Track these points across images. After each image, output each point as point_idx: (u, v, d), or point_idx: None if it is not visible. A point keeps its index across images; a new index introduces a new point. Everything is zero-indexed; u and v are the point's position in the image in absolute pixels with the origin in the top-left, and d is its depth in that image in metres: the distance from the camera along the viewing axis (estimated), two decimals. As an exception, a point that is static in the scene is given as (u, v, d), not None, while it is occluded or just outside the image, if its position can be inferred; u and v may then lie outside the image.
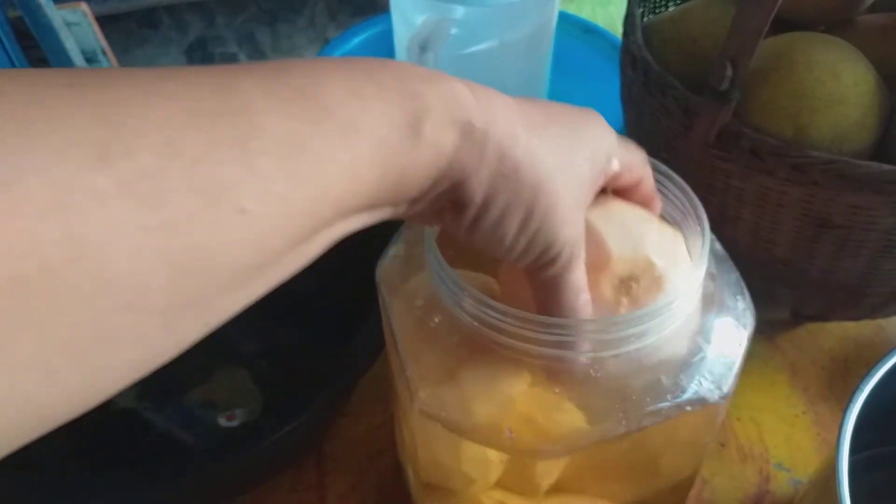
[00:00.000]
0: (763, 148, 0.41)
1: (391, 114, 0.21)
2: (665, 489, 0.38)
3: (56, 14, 0.82)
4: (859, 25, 0.49)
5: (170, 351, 0.18)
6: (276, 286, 0.22)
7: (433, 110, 0.21)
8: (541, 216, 0.24)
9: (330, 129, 0.19)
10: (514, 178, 0.23)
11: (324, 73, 0.20)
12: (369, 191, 0.21)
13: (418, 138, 0.21)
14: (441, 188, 0.23)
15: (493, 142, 0.23)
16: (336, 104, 0.19)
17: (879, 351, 0.40)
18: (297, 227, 0.19)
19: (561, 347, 0.28)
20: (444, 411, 0.30)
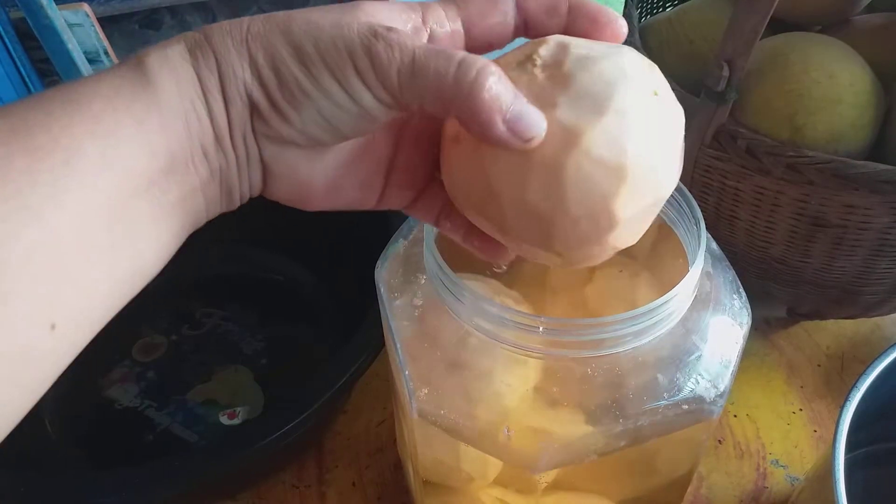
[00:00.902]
0: (759, 148, 0.41)
1: (118, 86, 0.21)
2: (662, 486, 0.38)
3: (58, 15, 0.83)
4: (855, 26, 0.50)
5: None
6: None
7: (150, 57, 0.21)
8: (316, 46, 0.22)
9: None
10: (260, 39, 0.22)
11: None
12: (150, 157, 0.21)
13: (150, 79, 0.21)
14: (214, 85, 0.22)
15: (216, 38, 0.22)
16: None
17: (875, 349, 0.40)
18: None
19: (559, 347, 0.29)
20: (443, 412, 0.30)
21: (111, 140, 0.20)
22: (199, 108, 0.22)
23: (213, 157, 0.22)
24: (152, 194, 0.21)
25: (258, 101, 0.22)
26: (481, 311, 0.29)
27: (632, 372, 0.30)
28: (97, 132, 0.20)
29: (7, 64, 0.88)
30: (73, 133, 0.19)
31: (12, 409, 0.19)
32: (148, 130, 0.21)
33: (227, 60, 0.22)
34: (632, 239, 0.25)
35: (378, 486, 0.47)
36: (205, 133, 0.22)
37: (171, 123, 0.21)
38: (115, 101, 0.20)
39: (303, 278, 0.60)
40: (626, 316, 0.28)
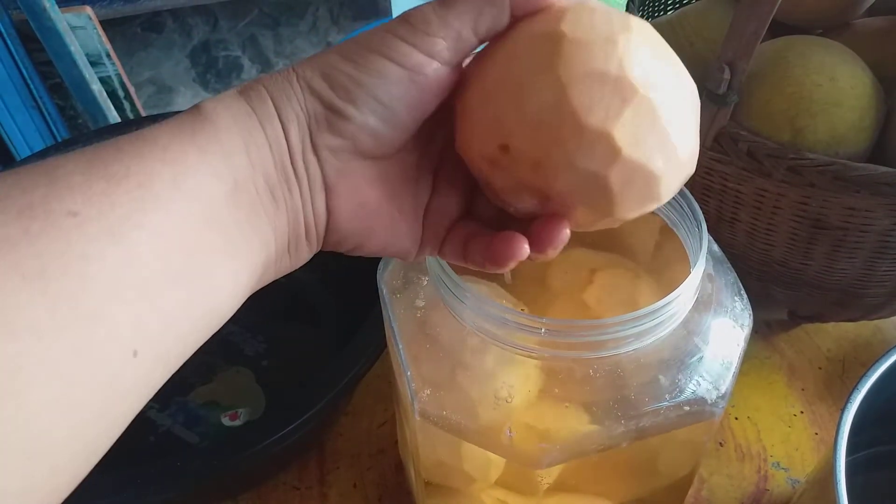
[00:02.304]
0: (760, 150, 0.41)
1: (179, 138, 0.21)
2: (664, 488, 0.38)
3: (61, 17, 0.83)
4: (856, 29, 0.50)
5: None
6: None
7: (205, 104, 0.22)
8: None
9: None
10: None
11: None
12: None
13: (203, 116, 0.22)
14: (269, 115, 0.23)
15: (268, 80, 0.23)
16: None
17: (876, 351, 0.40)
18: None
19: (561, 348, 0.29)
20: (445, 412, 0.30)
21: (180, 167, 0.21)
22: (257, 137, 0.22)
23: (276, 185, 0.23)
24: (223, 223, 0.22)
25: (315, 112, 0.23)
26: (483, 312, 0.29)
27: (633, 373, 0.30)
28: (166, 159, 0.20)
29: (9, 66, 0.89)
30: (143, 162, 0.20)
31: (88, 448, 0.19)
32: (212, 158, 0.21)
33: (279, 87, 0.23)
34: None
35: (379, 487, 0.47)
36: (265, 160, 0.23)
37: (232, 152, 0.22)
38: (180, 136, 0.21)
39: (304, 279, 0.60)
40: (628, 317, 0.28)
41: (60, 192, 0.19)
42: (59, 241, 0.18)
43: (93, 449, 0.19)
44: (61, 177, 0.19)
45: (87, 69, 0.89)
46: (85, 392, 0.18)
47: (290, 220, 0.24)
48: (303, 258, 0.26)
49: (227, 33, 1.31)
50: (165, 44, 1.22)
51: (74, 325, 0.18)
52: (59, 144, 0.51)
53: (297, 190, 0.23)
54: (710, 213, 0.47)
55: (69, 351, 0.17)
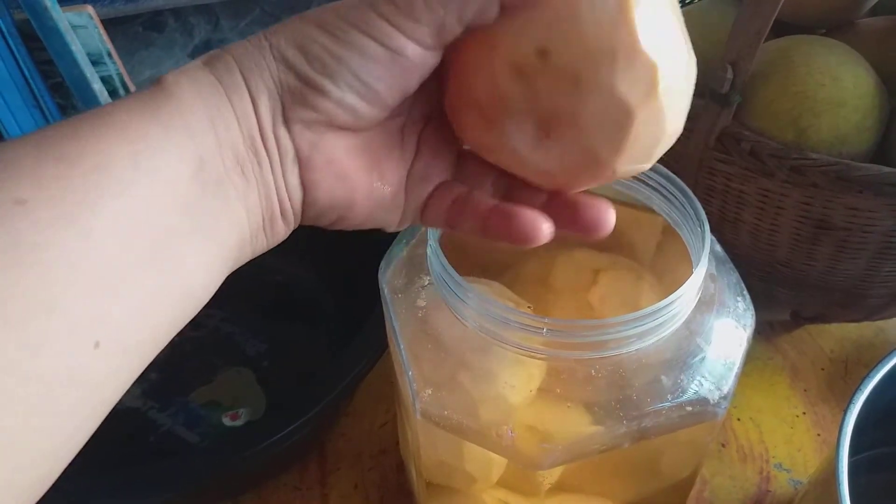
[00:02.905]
0: (763, 150, 0.41)
1: (139, 115, 0.20)
2: (666, 489, 0.38)
3: (62, 17, 0.83)
4: (859, 29, 0.50)
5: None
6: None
7: (167, 76, 0.21)
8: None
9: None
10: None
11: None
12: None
13: (163, 88, 0.21)
14: (240, 90, 0.22)
15: (235, 48, 0.22)
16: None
17: (879, 352, 0.40)
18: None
19: (563, 348, 0.29)
20: (446, 412, 0.30)
21: (141, 146, 0.19)
22: (223, 111, 0.21)
23: (245, 161, 0.22)
24: (190, 205, 0.20)
25: (288, 84, 0.22)
26: (485, 312, 0.29)
27: (636, 373, 0.30)
28: (126, 138, 0.19)
29: (10, 65, 0.89)
30: (100, 141, 0.19)
31: (55, 444, 0.18)
32: (175, 135, 0.20)
33: (249, 57, 0.22)
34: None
35: (381, 488, 0.47)
36: (233, 135, 0.21)
37: (197, 129, 0.21)
38: (140, 112, 0.20)
39: (305, 279, 0.60)
40: (630, 317, 0.28)
41: (7, 177, 0.17)
42: (5, 230, 0.17)
43: (65, 443, 0.19)
44: (9, 161, 0.18)
45: (88, 68, 0.89)
46: (44, 386, 0.17)
47: (262, 197, 0.23)
48: (280, 236, 0.25)
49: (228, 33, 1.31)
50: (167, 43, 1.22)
51: (27, 317, 0.17)
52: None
53: (269, 165, 0.22)
54: (712, 213, 0.47)
55: (22, 345, 0.17)
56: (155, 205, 0.19)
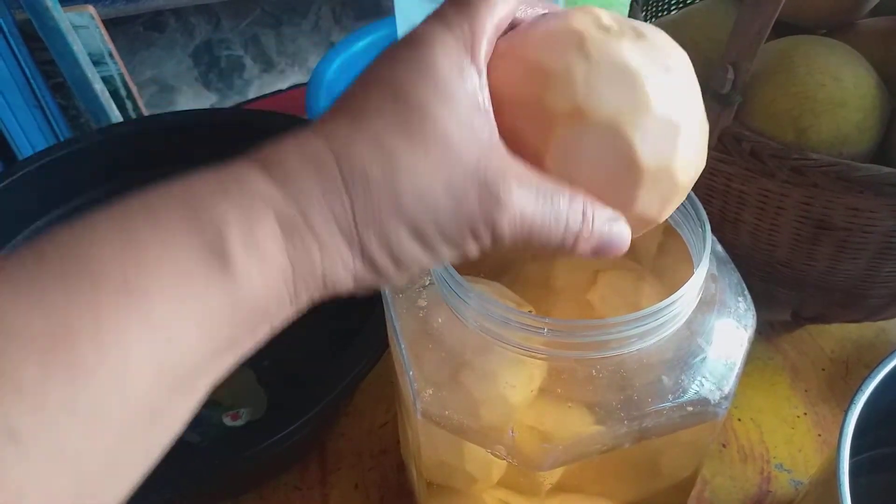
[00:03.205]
0: (764, 150, 0.41)
1: (189, 256, 0.18)
2: (666, 489, 0.38)
3: (63, 17, 0.83)
4: (860, 29, 0.50)
5: None
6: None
7: (232, 227, 0.19)
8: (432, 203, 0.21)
9: (129, 314, 0.17)
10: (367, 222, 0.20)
11: (90, 247, 0.17)
12: (214, 340, 0.19)
13: (230, 267, 0.18)
14: (314, 277, 0.20)
15: (318, 219, 0.20)
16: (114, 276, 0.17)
17: (880, 353, 0.40)
18: (146, 406, 0.18)
19: (564, 348, 0.29)
20: (447, 412, 0.30)
21: (170, 352, 0.18)
22: (283, 296, 0.20)
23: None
24: (195, 382, 0.20)
25: (366, 279, 0.21)
26: (486, 312, 0.29)
27: (636, 373, 0.30)
28: (156, 342, 0.17)
29: (12, 65, 0.89)
30: (125, 345, 0.17)
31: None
32: (213, 325, 0.19)
33: (335, 253, 0.20)
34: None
35: (381, 488, 0.47)
36: (282, 317, 0.21)
37: (246, 318, 0.20)
38: (185, 297, 0.18)
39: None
40: (631, 317, 0.28)
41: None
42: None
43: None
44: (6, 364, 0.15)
45: (89, 68, 0.89)
46: None
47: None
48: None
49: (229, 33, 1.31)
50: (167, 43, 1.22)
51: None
52: (61, 144, 0.51)
53: (323, 288, 0.21)
54: (713, 213, 0.47)
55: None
56: (162, 400, 0.19)
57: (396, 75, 0.21)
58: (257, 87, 1.44)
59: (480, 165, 0.21)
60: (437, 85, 0.20)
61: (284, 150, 0.21)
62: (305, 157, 0.20)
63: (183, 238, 0.18)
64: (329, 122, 0.21)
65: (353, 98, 0.21)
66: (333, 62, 0.77)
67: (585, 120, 0.22)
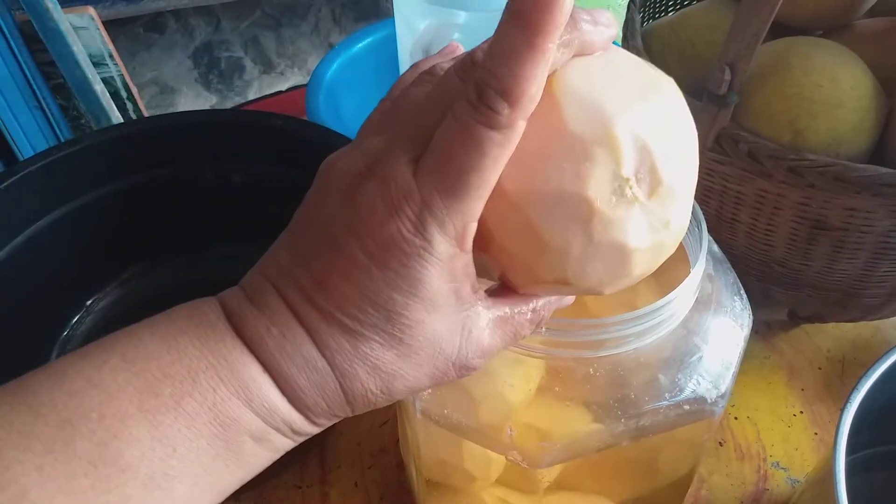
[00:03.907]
0: (760, 151, 0.41)
1: (199, 447, 0.20)
2: (663, 487, 0.38)
3: (63, 18, 0.83)
4: (857, 30, 0.50)
5: None
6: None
7: (240, 416, 0.21)
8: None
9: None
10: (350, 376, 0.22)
11: (116, 433, 0.19)
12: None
13: (239, 452, 0.21)
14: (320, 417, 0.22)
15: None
16: (136, 461, 0.19)
17: (876, 352, 0.40)
18: None
19: (562, 347, 0.29)
20: (446, 411, 0.31)
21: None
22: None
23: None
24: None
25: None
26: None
27: (634, 372, 0.30)
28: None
29: (12, 66, 0.89)
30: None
31: None
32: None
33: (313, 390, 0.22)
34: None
35: (381, 486, 0.47)
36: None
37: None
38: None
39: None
40: (628, 317, 0.28)
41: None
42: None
43: None
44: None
45: (89, 70, 0.89)
46: None
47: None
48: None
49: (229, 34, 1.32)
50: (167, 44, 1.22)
51: None
52: (61, 145, 0.51)
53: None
54: (710, 213, 0.47)
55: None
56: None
57: (391, 296, 0.21)
58: (257, 88, 1.44)
59: (461, 354, 0.23)
60: (429, 303, 0.21)
61: (277, 344, 0.21)
62: (307, 365, 0.21)
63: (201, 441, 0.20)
64: (323, 322, 0.21)
65: (343, 288, 0.21)
66: (333, 64, 0.77)
67: (567, 287, 0.24)
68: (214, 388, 0.20)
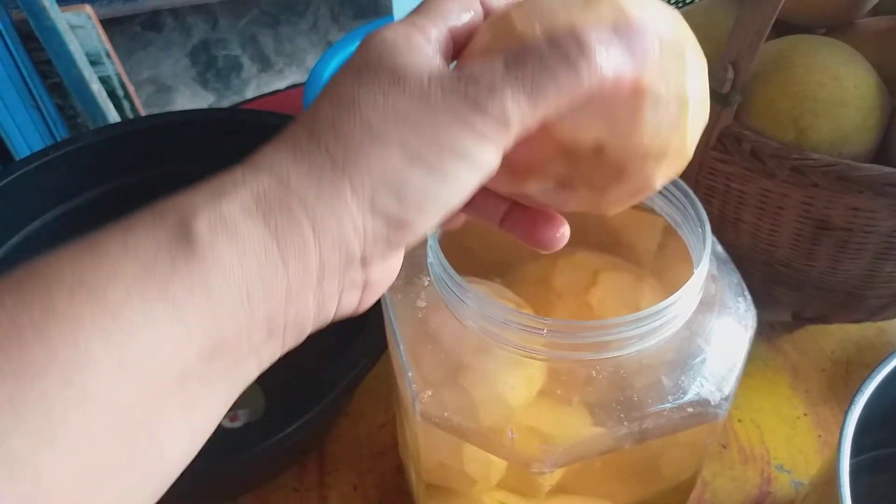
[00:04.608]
0: (764, 150, 0.41)
1: (151, 249, 0.17)
2: (666, 490, 0.38)
3: (60, 16, 0.83)
4: (860, 28, 0.50)
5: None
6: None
7: (197, 209, 0.18)
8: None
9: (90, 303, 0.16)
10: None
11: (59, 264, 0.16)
12: (192, 336, 0.17)
13: (194, 248, 0.17)
14: (306, 246, 0.18)
15: (298, 181, 0.19)
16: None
17: (880, 353, 0.40)
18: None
19: (564, 349, 0.28)
20: (446, 413, 0.30)
21: (132, 343, 0.16)
22: (271, 279, 0.18)
23: (281, 326, 0.19)
24: (186, 385, 0.17)
25: (375, 233, 0.19)
26: (485, 313, 0.29)
27: (636, 374, 0.30)
28: (112, 333, 0.16)
29: (9, 65, 0.89)
30: (78, 340, 0.15)
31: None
32: (190, 316, 0.17)
33: (325, 203, 0.18)
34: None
35: (380, 489, 0.47)
36: (274, 303, 0.18)
37: (227, 304, 0.17)
38: (144, 286, 0.16)
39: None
40: (631, 318, 0.28)
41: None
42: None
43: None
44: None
45: (86, 68, 0.88)
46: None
47: (287, 341, 0.20)
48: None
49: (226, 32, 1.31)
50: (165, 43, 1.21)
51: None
52: (58, 144, 0.51)
53: (315, 316, 0.20)
54: (713, 213, 0.47)
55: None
56: (139, 406, 0.16)
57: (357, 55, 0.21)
58: (255, 86, 1.44)
59: (440, 66, 0.20)
60: (387, 44, 0.20)
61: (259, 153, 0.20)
62: (276, 143, 0.20)
63: (146, 233, 0.17)
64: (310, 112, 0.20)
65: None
66: (331, 62, 0.77)
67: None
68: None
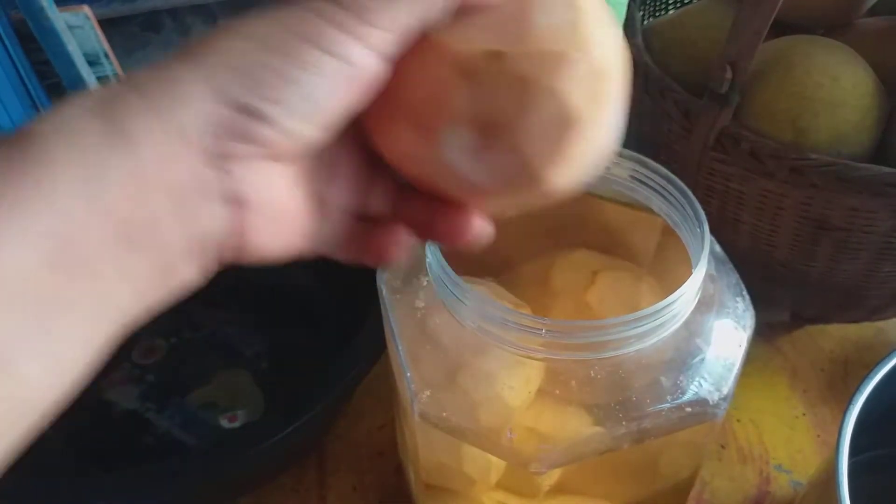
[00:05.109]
0: (762, 150, 0.41)
1: (82, 127, 0.17)
2: (665, 490, 0.38)
3: (59, 17, 0.83)
4: (858, 29, 0.50)
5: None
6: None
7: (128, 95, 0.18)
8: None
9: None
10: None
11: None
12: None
13: (120, 129, 0.17)
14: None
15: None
16: None
17: (879, 353, 0.40)
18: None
19: (562, 349, 0.28)
20: (445, 414, 0.30)
21: (37, 199, 0.16)
22: (110, 168, 0.17)
23: (137, 227, 0.17)
24: (30, 300, 0.16)
25: (221, 119, 0.18)
26: (484, 313, 0.29)
27: (635, 374, 0.30)
28: (23, 193, 0.16)
29: (7, 65, 0.88)
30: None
31: None
32: (25, 218, 0.16)
33: (164, 91, 0.18)
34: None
35: (379, 490, 0.47)
36: (120, 199, 0.17)
37: (64, 201, 0.16)
38: (72, 154, 0.16)
39: (303, 280, 0.60)
40: (630, 318, 0.28)
41: None
42: None
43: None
44: None
45: (84, 69, 0.88)
46: None
47: (160, 265, 0.18)
48: (185, 284, 0.20)
49: (226, 33, 1.31)
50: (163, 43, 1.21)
51: None
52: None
53: (177, 224, 0.18)
54: (711, 213, 0.47)
55: None
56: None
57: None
58: (254, 87, 1.44)
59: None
60: None
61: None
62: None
63: (81, 119, 0.17)
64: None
65: None
66: (330, 62, 0.77)
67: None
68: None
